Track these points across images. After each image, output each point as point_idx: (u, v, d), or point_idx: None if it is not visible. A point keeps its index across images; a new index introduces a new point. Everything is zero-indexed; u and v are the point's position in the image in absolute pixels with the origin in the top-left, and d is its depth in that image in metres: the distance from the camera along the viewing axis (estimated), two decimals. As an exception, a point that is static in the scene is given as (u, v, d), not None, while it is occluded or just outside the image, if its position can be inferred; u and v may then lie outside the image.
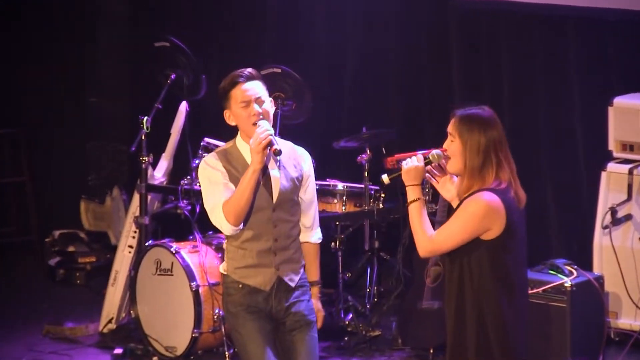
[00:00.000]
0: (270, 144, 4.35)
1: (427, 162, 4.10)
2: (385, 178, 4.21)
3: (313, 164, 4.73)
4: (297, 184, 4.55)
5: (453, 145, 4.03)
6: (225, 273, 4.56)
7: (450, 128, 4.06)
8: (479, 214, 3.91)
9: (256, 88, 4.45)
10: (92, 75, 8.66)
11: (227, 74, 4.59)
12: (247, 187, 4.35)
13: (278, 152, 4.37)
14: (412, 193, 4.06)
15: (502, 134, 4.00)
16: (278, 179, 4.50)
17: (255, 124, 4.41)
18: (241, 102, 4.42)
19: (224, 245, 4.63)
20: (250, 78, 4.46)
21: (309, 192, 4.63)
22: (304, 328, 4.54)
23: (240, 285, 4.49)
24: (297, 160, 4.60)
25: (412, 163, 4.06)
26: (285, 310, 4.52)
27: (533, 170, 6.73)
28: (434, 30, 7.44)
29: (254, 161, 4.35)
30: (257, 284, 4.49)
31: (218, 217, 4.42)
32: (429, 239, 4.01)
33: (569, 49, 6.87)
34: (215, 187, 4.45)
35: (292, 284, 4.53)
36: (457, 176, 4.13)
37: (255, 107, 4.43)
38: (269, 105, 4.51)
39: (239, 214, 4.37)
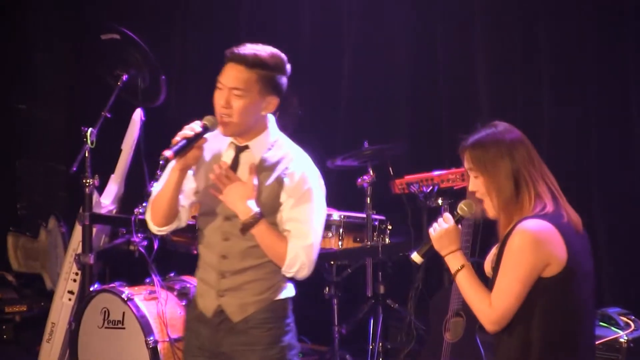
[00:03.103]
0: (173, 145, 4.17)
1: (459, 218, 4.07)
2: (416, 257, 4.09)
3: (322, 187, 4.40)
4: (267, 200, 4.31)
5: (479, 182, 3.97)
6: None
7: (467, 165, 3.99)
8: (528, 247, 3.82)
9: (241, 76, 4.26)
10: (21, 76, 8.59)
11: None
12: (166, 184, 4.33)
13: (163, 158, 4.17)
14: (454, 262, 4.02)
15: (528, 147, 3.98)
16: None
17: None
18: (218, 82, 4.28)
19: None
20: (241, 60, 4.26)
21: (289, 220, 4.29)
22: None
23: (193, 305, 4.46)
24: (284, 171, 4.35)
25: (440, 227, 4.05)
26: (229, 356, 4.32)
27: (577, 194, 6.34)
28: (451, 16, 7.37)
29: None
30: (201, 306, 4.40)
31: (147, 212, 4.46)
32: (490, 307, 3.91)
33: (628, 29, 6.73)
34: (166, 174, 4.39)
35: (234, 320, 4.31)
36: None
37: (219, 98, 4.27)
38: (253, 105, 4.29)
39: (158, 214, 4.39)
